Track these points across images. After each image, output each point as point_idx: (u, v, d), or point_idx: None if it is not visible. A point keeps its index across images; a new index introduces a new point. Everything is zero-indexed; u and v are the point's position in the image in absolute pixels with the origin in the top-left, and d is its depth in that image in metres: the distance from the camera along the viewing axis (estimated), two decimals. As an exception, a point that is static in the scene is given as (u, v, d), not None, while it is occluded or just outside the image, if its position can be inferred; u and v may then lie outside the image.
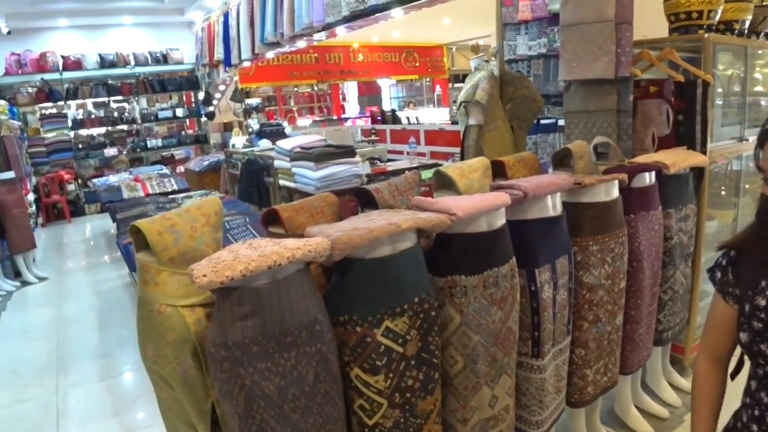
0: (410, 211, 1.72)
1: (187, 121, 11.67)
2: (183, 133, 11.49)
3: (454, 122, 8.92)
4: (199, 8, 9.86)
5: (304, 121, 12.94)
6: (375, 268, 1.55)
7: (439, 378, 1.70)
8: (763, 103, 3.81)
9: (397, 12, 4.90)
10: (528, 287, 1.94)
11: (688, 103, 2.82)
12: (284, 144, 4.93)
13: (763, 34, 3.55)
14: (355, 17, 5.01)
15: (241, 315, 1.34)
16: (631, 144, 2.73)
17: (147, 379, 1.59)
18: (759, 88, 3.72)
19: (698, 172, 2.83)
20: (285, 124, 10.55)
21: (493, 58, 3.61)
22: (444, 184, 2.03)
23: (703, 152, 2.82)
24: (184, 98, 11.73)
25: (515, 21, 4.76)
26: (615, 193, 2.21)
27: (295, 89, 14.41)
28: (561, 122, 4.03)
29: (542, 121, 4.48)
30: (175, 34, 11.15)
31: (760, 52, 3.63)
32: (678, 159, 2.50)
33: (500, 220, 1.78)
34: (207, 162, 8.10)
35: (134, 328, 1.56)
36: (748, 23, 3.27)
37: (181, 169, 9.38)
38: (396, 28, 12.32)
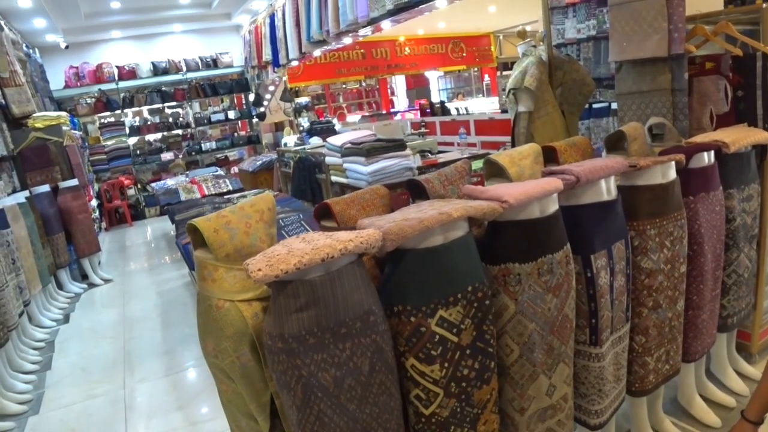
0: (461, 200, 1.71)
1: (239, 122, 11.93)
2: (236, 134, 11.75)
3: (504, 111, 8.81)
4: (246, 11, 10.04)
5: (353, 118, 13.01)
6: (427, 258, 1.55)
7: (495, 367, 1.69)
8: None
9: (440, 2, 4.88)
10: (584, 273, 1.91)
11: (747, 78, 2.70)
12: (335, 140, 4.98)
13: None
14: (399, 10, 5.02)
15: (297, 307, 1.36)
16: (688, 123, 2.64)
17: (209, 374, 1.64)
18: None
19: (761, 149, 2.71)
20: (335, 121, 10.64)
21: (540, 43, 3.54)
22: (495, 172, 2.01)
23: (766, 129, 2.70)
24: (236, 101, 12.00)
25: (563, 4, 4.66)
26: (672, 174, 2.14)
27: (344, 86, 14.52)
28: (614, 106, 3.93)
29: (594, 105, 4.38)
30: (224, 38, 11.40)
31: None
32: (738, 137, 2.40)
33: (553, 206, 1.76)
34: (260, 162, 8.25)
35: (195, 325, 1.61)
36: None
37: (235, 170, 9.59)
38: (441, 19, 12.25)
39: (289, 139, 8.51)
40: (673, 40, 2.58)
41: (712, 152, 2.36)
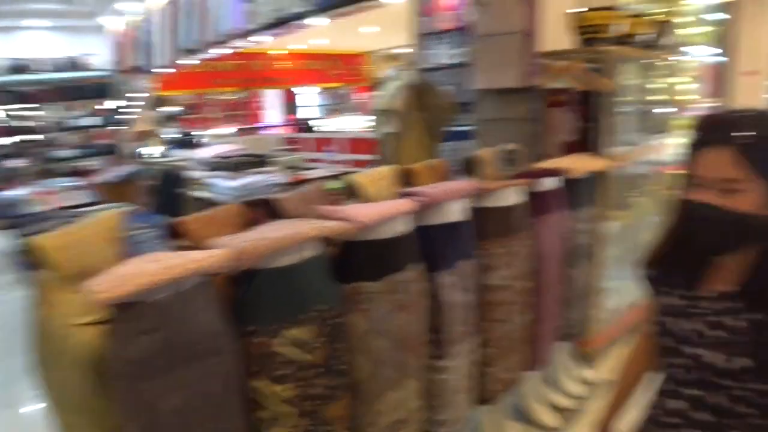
0: (316, 220, 1.73)
1: (102, 130, 11.20)
2: (97, 142, 11.00)
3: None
4: (114, 13, 9.54)
5: (224, 130, 12.68)
6: (279, 277, 1.54)
7: (346, 385, 1.71)
8: (660, 111, 4.04)
9: (318, 20, 4.91)
10: (433, 291, 1.99)
11: (591, 111, 2.97)
12: (202, 153, 4.85)
13: (660, 47, 3.76)
14: (275, 25, 4.98)
15: (143, 330, 1.30)
16: (540, 150, 2.84)
17: (49, 407, 1.53)
18: (657, 97, 3.95)
19: (599, 175, 2.97)
20: (205, 133, 10.31)
21: (409, 67, 3.67)
22: (354, 192, 2.05)
23: (604, 157, 2.97)
24: (99, 106, 11.26)
25: (435, 31, 4.84)
26: (519, 197, 2.30)
27: (218, 97, 14.12)
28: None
29: (460, 129, 4.58)
30: (86, 38, 10.71)
31: (657, 63, 3.86)
32: (581, 164, 2.63)
33: (405, 226, 1.82)
34: (122, 173, 7.77)
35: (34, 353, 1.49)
36: (646, 37, 3.46)
37: (94, 180, 8.98)
38: (320, 36, 12.28)
39: (155, 150, 8.13)
40: (529, 74, 2.78)
41: (556, 177, 2.55)
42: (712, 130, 1.08)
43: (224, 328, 1.45)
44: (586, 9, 3.09)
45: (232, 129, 12.74)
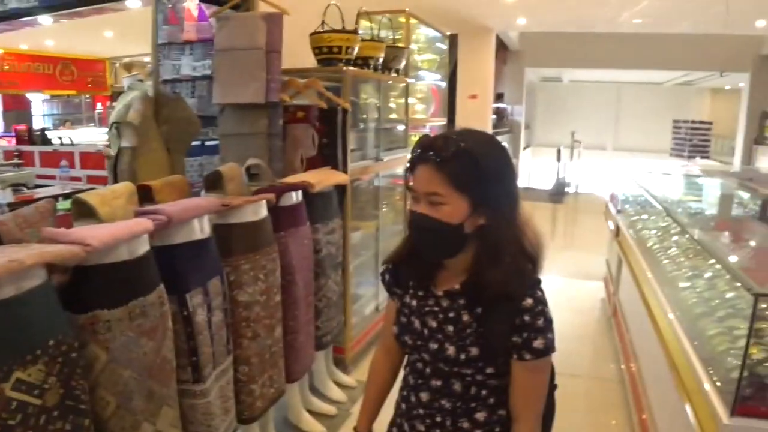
0: (39, 245, 1.55)
1: None
2: None
3: (118, 143, 8.30)
4: None
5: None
6: (-4, 313, 1.36)
7: (90, 424, 1.55)
8: (399, 127, 4.42)
9: (44, 19, 4.42)
10: (180, 313, 1.91)
11: (331, 127, 3.13)
12: None
13: (394, 70, 4.11)
14: (-3, 20, 4.37)
15: None
16: (282, 165, 2.90)
17: None
18: (393, 116, 4.32)
19: (342, 189, 3.14)
20: None
21: (148, 78, 3.49)
22: (85, 212, 1.89)
23: (345, 171, 3.15)
24: None
25: (180, 41, 4.67)
26: (263, 212, 2.33)
27: None
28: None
29: (207, 143, 4.48)
30: None
31: (392, 85, 4.21)
32: (322, 178, 2.75)
33: (143, 247, 1.73)
34: None
35: None
36: (381, 60, 3.76)
37: None
38: (50, 37, 11.09)
39: None
40: (270, 90, 2.82)
41: (300, 191, 2.64)
42: (421, 150, 1.22)
43: None
44: (326, 30, 3.26)
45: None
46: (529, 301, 1.20)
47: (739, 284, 1.99)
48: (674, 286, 2.66)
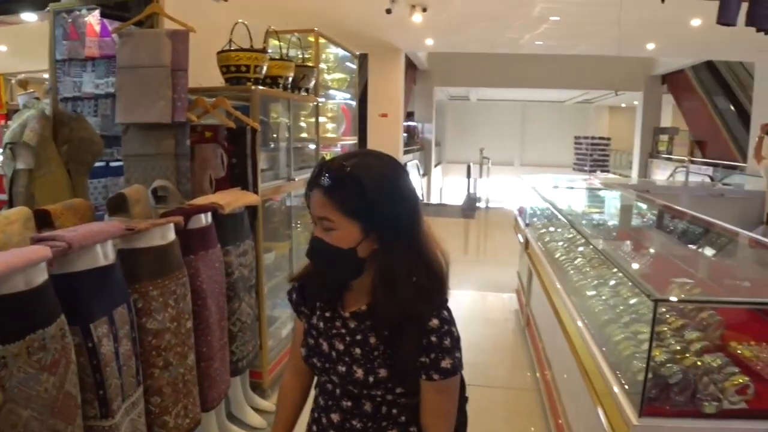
0: None
1: None
2: None
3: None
4: None
5: None
6: None
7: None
8: (310, 146, 4.41)
9: None
10: (85, 344, 1.80)
11: (240, 147, 3.08)
12: None
13: (304, 89, 4.10)
14: None
15: None
16: (191, 186, 2.82)
17: None
18: (304, 135, 4.31)
19: (253, 209, 3.09)
20: None
21: (46, 95, 3.32)
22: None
23: (256, 192, 3.11)
24: None
25: (81, 57, 4.47)
26: (171, 235, 2.25)
27: None
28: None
29: (111, 164, 4.30)
30: None
31: (302, 104, 4.20)
32: (232, 199, 2.70)
33: (41, 276, 1.62)
34: None
35: None
36: (291, 79, 3.74)
37: None
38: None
39: None
40: (176, 109, 2.74)
41: (210, 213, 2.57)
42: (315, 174, 1.22)
43: None
44: (234, 48, 3.21)
45: None
46: (435, 321, 1.20)
47: (639, 291, 2.10)
48: (581, 295, 2.78)
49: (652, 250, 3.41)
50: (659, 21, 7.89)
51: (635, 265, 2.70)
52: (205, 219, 2.53)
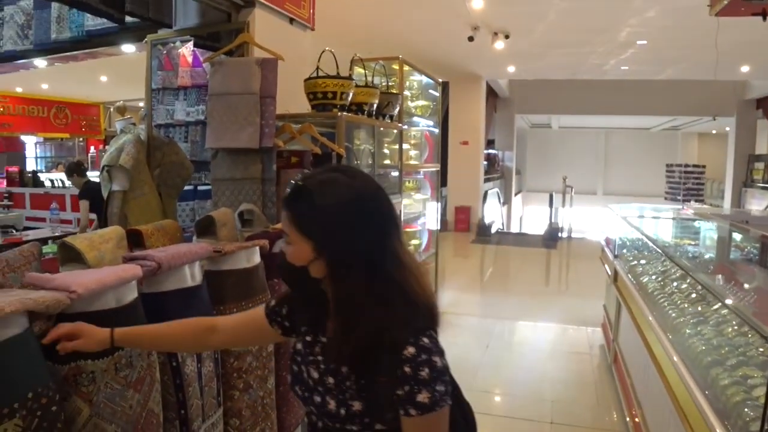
0: (21, 291, 1.49)
1: None
2: None
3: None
4: None
5: None
6: (-30, 363, 1.29)
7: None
8: (391, 174, 4.41)
9: (39, 62, 4.45)
10: (169, 363, 1.84)
11: (325, 173, 3.09)
12: None
13: (388, 116, 4.12)
14: (-10, 61, 4.39)
15: None
16: (275, 211, 2.86)
17: None
18: (387, 161, 4.31)
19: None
20: None
21: (141, 121, 3.47)
22: (72, 257, 1.83)
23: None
24: None
25: (174, 86, 4.69)
26: (257, 259, 2.27)
27: None
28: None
29: (200, 188, 4.45)
30: None
31: (386, 131, 4.22)
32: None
33: (131, 294, 1.66)
34: None
35: None
36: (376, 106, 3.76)
37: None
38: (45, 80, 11.17)
39: None
40: (264, 135, 2.80)
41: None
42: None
43: None
44: (321, 75, 3.26)
45: None
46: (411, 350, 1.08)
47: (751, 330, 1.93)
48: (679, 332, 2.60)
49: (756, 286, 3.16)
50: (755, 42, 7.51)
51: (740, 302, 2.49)
52: (288, 243, 2.54)
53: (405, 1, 6.76)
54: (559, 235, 11.59)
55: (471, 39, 7.67)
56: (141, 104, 11.31)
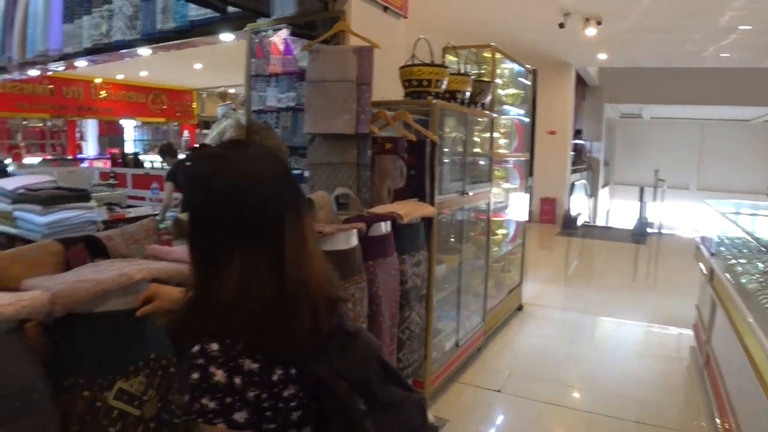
0: (145, 261, 1.62)
1: None
2: None
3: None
4: None
5: (32, 159, 11.54)
6: (104, 324, 1.42)
7: (179, 439, 1.59)
8: (481, 162, 4.39)
9: (143, 50, 4.70)
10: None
11: (419, 159, 3.13)
12: (5, 183, 4.31)
13: (480, 104, 4.11)
14: (97, 50, 4.68)
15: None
16: (370, 195, 2.93)
17: None
18: (477, 150, 4.30)
19: (428, 221, 3.13)
20: (8, 161, 9.30)
21: (240, 107, 3.62)
22: (184, 231, 1.95)
23: (432, 204, 3.14)
24: None
25: (266, 73, 4.85)
26: (354, 241, 2.34)
27: (24, 122, 12.80)
28: (307, 173, 4.18)
29: (294, 172, 4.59)
30: None
31: (478, 119, 4.20)
32: (410, 210, 2.75)
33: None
34: None
35: None
36: (468, 94, 3.76)
37: None
38: (144, 68, 11.76)
39: (-56, 176, 7.15)
40: (360, 121, 2.87)
41: (389, 222, 2.64)
42: None
43: (39, 383, 1.28)
44: (417, 63, 3.29)
45: (41, 158, 11.58)
46: (196, 348, 0.99)
47: None
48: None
49: None
50: None
51: None
52: (384, 227, 2.61)
53: (496, -13, 6.69)
54: (649, 230, 11.16)
55: (561, 26, 7.47)
56: (231, 90, 11.75)
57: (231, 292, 1.01)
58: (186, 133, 15.36)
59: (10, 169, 7.54)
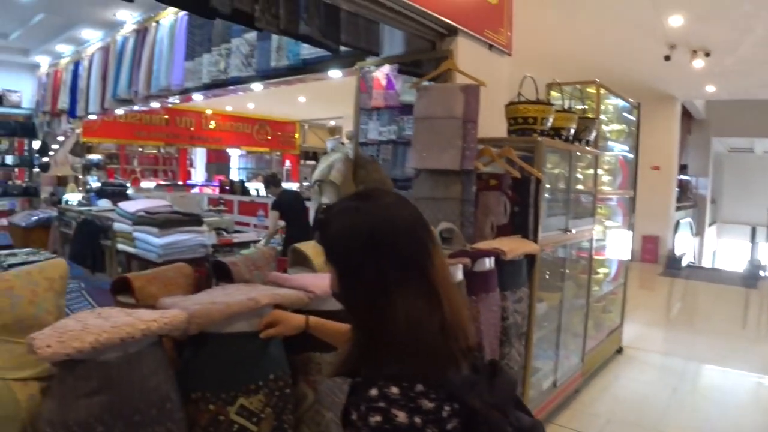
0: (268, 287, 1.73)
1: (16, 170, 10.60)
2: (10, 182, 10.38)
3: (306, 198, 9.01)
4: (47, 52, 9.24)
5: (147, 184, 12.38)
6: (231, 344, 1.53)
7: (290, 458, 1.68)
8: (584, 199, 4.33)
9: (256, 86, 4.99)
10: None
11: (523, 196, 3.14)
12: (127, 206, 4.67)
13: (584, 141, 4.06)
14: (215, 86, 5.03)
15: (87, 391, 1.25)
16: (473, 231, 2.96)
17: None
18: (581, 186, 4.24)
19: (530, 258, 3.12)
20: (128, 184, 10.03)
21: (348, 141, 3.77)
22: (298, 260, 2.06)
23: (535, 240, 3.13)
24: (17, 145, 10.68)
25: (368, 107, 5.02)
26: (459, 275, 2.38)
27: (141, 149, 13.79)
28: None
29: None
30: (16, 75, 10.24)
31: (582, 156, 4.15)
32: (514, 246, 2.76)
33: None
34: (36, 217, 7.36)
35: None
36: (573, 131, 3.74)
37: (4, 222, 8.46)
38: (251, 100, 12.40)
39: (73, 197, 7.78)
40: (465, 157, 2.92)
41: (493, 258, 2.66)
42: None
43: (172, 394, 1.41)
44: (522, 101, 3.32)
45: (155, 183, 12.41)
46: (374, 392, 0.99)
47: None
48: None
49: None
50: None
51: None
52: (489, 263, 2.63)
53: (600, 22, 6.59)
54: (762, 273, 10.45)
55: (668, 58, 7.25)
56: (332, 123, 12.09)
57: (403, 333, 1.03)
58: (288, 162, 15.99)
59: (129, 192, 8.13)
